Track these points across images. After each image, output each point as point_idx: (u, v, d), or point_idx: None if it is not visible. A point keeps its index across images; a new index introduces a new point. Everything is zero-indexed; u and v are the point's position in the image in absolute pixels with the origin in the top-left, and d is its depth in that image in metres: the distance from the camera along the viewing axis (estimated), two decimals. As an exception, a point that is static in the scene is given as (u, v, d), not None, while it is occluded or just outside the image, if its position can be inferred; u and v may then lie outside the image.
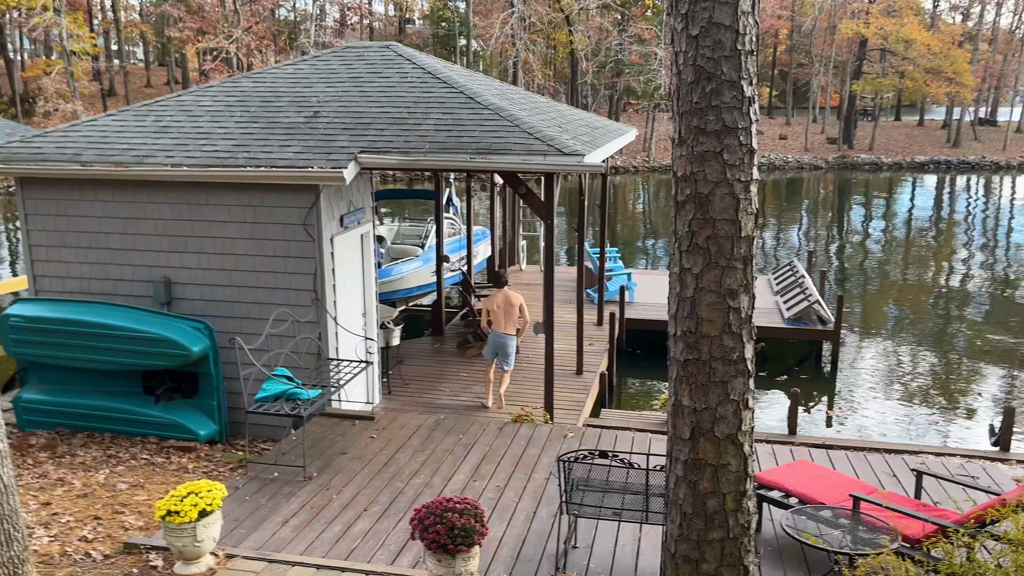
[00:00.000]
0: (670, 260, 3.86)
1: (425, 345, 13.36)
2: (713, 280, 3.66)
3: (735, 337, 3.71)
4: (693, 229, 3.67)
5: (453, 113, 9.54)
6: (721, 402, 3.74)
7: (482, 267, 18.32)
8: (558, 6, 45.80)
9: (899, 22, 49.97)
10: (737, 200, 3.64)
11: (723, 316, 3.68)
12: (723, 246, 3.64)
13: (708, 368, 3.73)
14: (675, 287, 3.80)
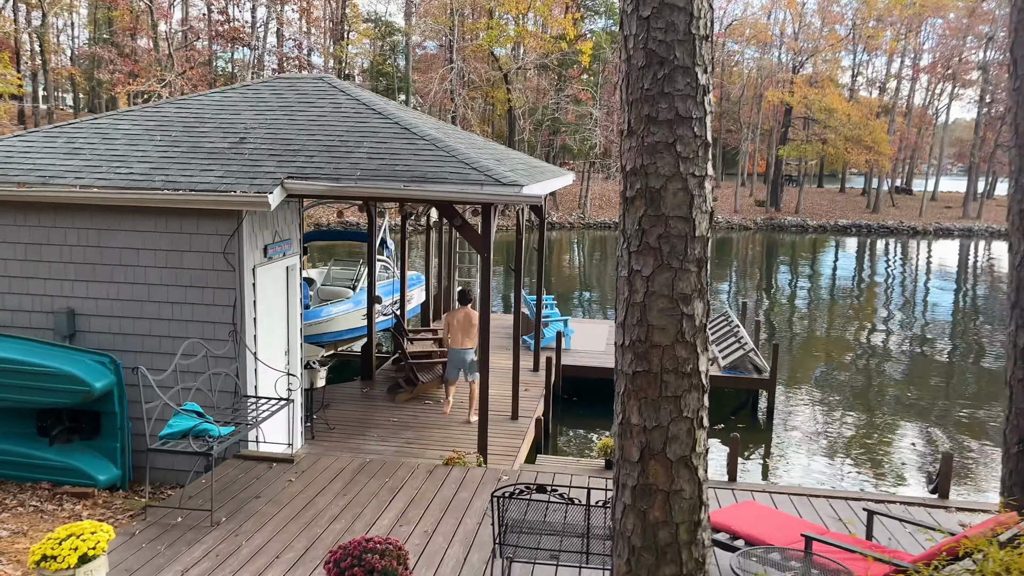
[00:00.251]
0: (617, 263, 3.54)
1: (353, 390, 12.73)
2: (665, 283, 3.34)
3: (688, 347, 3.38)
4: (643, 227, 3.36)
5: (387, 143, 9.20)
6: (674, 419, 3.38)
7: (416, 313, 17.82)
8: (496, 64, 46.54)
9: (821, 92, 52.33)
10: (691, 196, 3.36)
11: (676, 323, 3.35)
12: (676, 246, 3.34)
13: (659, 381, 3.38)
14: (623, 292, 3.46)
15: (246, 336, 8.50)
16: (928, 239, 50.24)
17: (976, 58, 61.61)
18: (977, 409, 15.32)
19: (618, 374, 3.53)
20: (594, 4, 49.80)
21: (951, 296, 29.50)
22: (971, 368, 18.60)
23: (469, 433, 10.63)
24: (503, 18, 47.57)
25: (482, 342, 9.08)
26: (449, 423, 11.13)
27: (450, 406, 11.39)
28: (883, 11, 56.80)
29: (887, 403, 15.50)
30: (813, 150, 54.12)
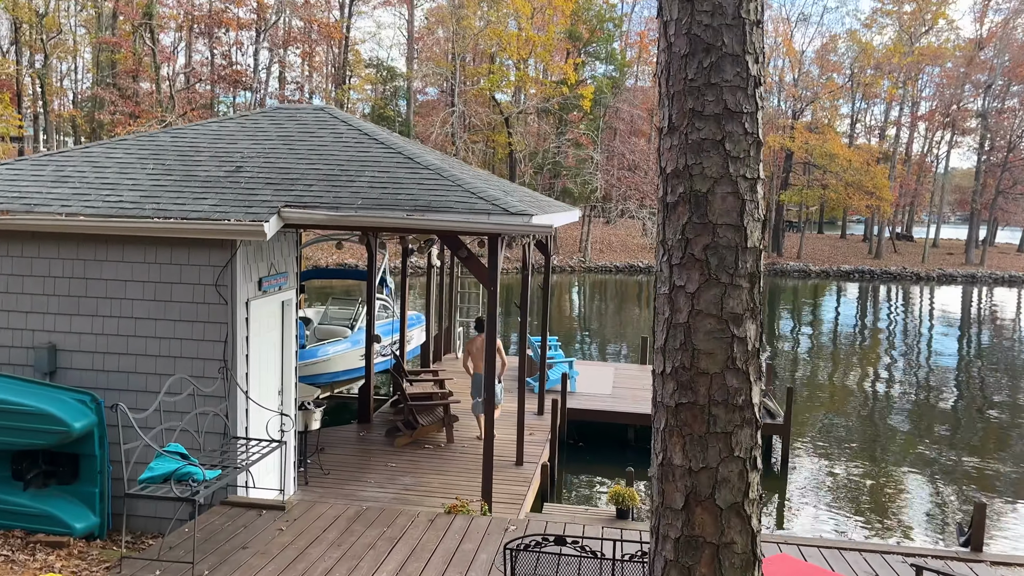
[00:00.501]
0: (656, 279, 3.09)
1: (350, 433, 12.17)
2: (713, 301, 2.89)
3: (740, 375, 2.92)
4: (687, 236, 2.92)
5: (390, 172, 8.82)
6: (724, 460, 2.90)
7: (415, 353, 17.31)
8: (498, 108, 46.74)
9: (822, 137, 52.53)
10: (742, 201, 2.93)
11: (726, 348, 2.90)
12: (725, 258, 2.90)
13: (707, 415, 2.91)
14: (663, 311, 3.00)
15: (237, 373, 8.00)
16: (931, 285, 49.91)
17: (974, 106, 62.11)
18: (986, 459, 14.75)
19: (657, 407, 3.05)
20: (594, 50, 50.22)
21: (955, 342, 29.02)
22: (977, 416, 18.05)
23: (472, 480, 10.06)
24: (504, 63, 47.94)
25: (487, 379, 8.58)
26: (450, 469, 10.57)
27: (483, 432, 9.98)
28: (881, 59, 57.37)
29: (899, 451, 14.92)
30: (814, 195, 54.14)
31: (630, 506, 9.37)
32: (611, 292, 39.85)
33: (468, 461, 10.88)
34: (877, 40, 61.23)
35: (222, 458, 7.54)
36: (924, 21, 58.97)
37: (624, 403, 14.49)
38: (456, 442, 11.70)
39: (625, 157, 46.87)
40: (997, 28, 58.84)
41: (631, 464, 12.99)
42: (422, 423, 11.68)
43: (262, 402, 8.56)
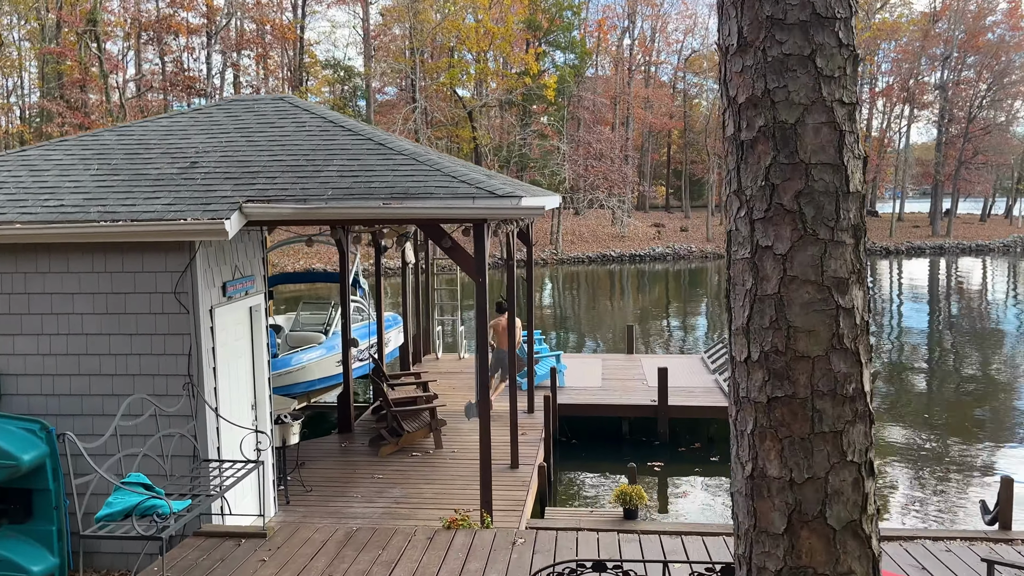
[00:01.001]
0: (729, 241, 2.44)
1: (331, 445, 11.40)
2: (810, 263, 2.25)
3: (849, 357, 2.28)
4: (772, 182, 2.27)
5: (360, 159, 8.08)
6: (834, 467, 2.26)
7: (394, 356, 16.54)
8: (460, 103, 45.97)
9: (786, 117, 52.41)
10: (840, 133, 2.30)
11: (829, 323, 2.26)
12: (823, 207, 2.26)
13: (810, 410, 2.27)
14: (743, 280, 2.35)
15: (204, 389, 7.23)
16: (901, 258, 50.18)
17: (932, 79, 62.63)
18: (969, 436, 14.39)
19: (741, 404, 2.40)
20: (555, 39, 49.63)
21: (937, 312, 28.93)
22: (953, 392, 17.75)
23: (467, 487, 9.37)
24: (464, 56, 47.17)
25: (481, 374, 7.90)
26: (442, 477, 9.87)
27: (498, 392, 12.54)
28: (839, 36, 57.27)
29: (894, 426, 14.51)
30: (781, 175, 54.10)
31: (638, 505, 8.73)
32: (586, 283, 39.34)
33: (460, 467, 10.19)
34: (834, 18, 61.28)
35: (192, 484, 6.77)
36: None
37: (615, 395, 13.89)
38: (445, 447, 11.01)
39: (592, 146, 46.36)
40: (951, 0, 59.33)
41: (628, 458, 12.38)
42: (407, 429, 10.97)
43: (235, 418, 7.79)
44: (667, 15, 66.53)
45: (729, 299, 2.41)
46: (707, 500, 10.89)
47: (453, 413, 12.23)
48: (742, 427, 2.38)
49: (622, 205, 49.76)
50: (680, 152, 73.58)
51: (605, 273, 43.05)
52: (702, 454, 12.75)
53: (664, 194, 78.97)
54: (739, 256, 2.37)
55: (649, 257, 48.95)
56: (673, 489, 11.32)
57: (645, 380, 14.78)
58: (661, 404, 13.02)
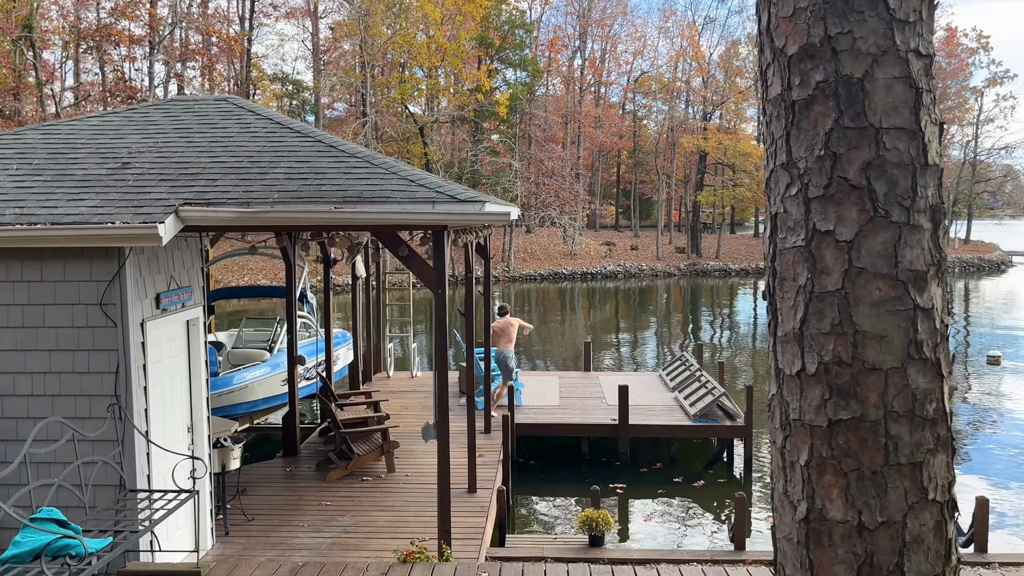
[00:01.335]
0: (772, 226, 1.99)
1: (275, 469, 10.69)
2: (882, 252, 1.82)
3: (929, 370, 1.84)
4: (834, 150, 1.83)
5: (310, 161, 7.52)
6: (913, 508, 1.82)
7: (343, 374, 15.85)
8: (411, 118, 45.49)
9: (735, 137, 53.31)
10: (916, 91, 1.88)
11: (906, 326, 1.82)
12: (897, 182, 1.82)
13: (883, 437, 1.82)
14: (795, 275, 1.90)
15: (133, 411, 6.54)
16: (845, 278, 51.08)
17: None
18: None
19: (791, 428, 1.94)
20: (507, 56, 49.56)
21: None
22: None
23: (422, 514, 8.79)
24: (415, 72, 46.73)
25: (440, 392, 7.36)
26: (395, 503, 9.26)
27: (499, 399, 13.23)
28: (785, 60, 58.53)
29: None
30: (730, 195, 54.85)
31: (604, 531, 8.27)
32: (537, 300, 39.01)
33: (415, 493, 9.59)
34: (779, 42, 62.72)
35: (117, 518, 6.07)
36: (822, 23, 60.76)
37: (574, 414, 13.44)
38: (398, 471, 10.39)
39: (543, 164, 46.26)
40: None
41: (589, 480, 11.93)
42: (358, 452, 10.33)
43: (168, 442, 7.09)
44: (617, 36, 67.06)
45: (773, 298, 1.96)
46: (673, 524, 10.47)
47: (406, 434, 11.64)
48: (793, 457, 1.92)
49: (573, 223, 49.71)
50: (629, 172, 74.12)
51: (557, 291, 42.80)
52: (664, 474, 12.36)
53: (614, 213, 79.41)
54: (789, 244, 1.92)
55: (600, 275, 48.92)
56: (637, 512, 10.89)
57: (604, 398, 14.37)
58: (622, 423, 12.62)
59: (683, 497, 11.40)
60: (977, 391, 18.52)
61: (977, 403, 17.39)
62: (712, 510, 11.03)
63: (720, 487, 11.90)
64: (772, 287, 1.97)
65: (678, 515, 10.78)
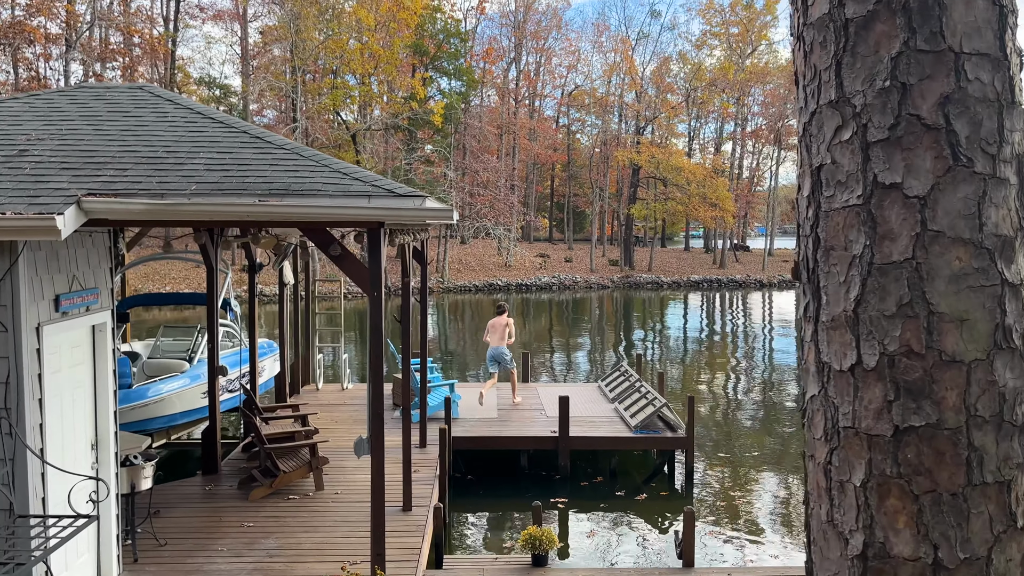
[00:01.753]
0: (815, 183, 1.57)
1: (193, 488, 9.91)
2: (963, 212, 1.42)
3: (1017, 363, 1.45)
4: (901, 80, 1.44)
5: (233, 152, 6.91)
6: (1000, 538, 1.42)
7: (269, 386, 15.04)
8: (343, 125, 44.58)
9: (668, 151, 54.01)
10: (1000, 9, 1.50)
11: (991, 306, 1.41)
12: (981, 123, 1.44)
13: (964, 447, 1.42)
14: (847, 241, 1.46)
15: (26, 426, 5.80)
16: (773, 290, 52.22)
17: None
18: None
19: (839, 438, 1.52)
20: (442, 65, 49.13)
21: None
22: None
23: (353, 534, 8.20)
24: (347, 79, 45.85)
25: (374, 404, 6.81)
26: (324, 523, 8.63)
27: (488, 389, 14.44)
28: (716, 75, 59.90)
29: (798, 452, 14.33)
30: (662, 208, 55.49)
31: (548, 550, 7.83)
32: (473, 312, 38.52)
33: (346, 512, 8.98)
34: (709, 61, 64.17)
35: (6, 547, 5.33)
36: (750, 42, 62.29)
37: (513, 426, 12.99)
38: (328, 489, 9.75)
39: (478, 174, 45.91)
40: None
41: (528, 494, 11.49)
42: (284, 469, 9.65)
43: (68, 461, 6.35)
44: (551, 49, 67.39)
45: (813, 274, 1.55)
46: (617, 540, 10.10)
47: (336, 450, 11.01)
48: (843, 475, 1.50)
49: (508, 234, 49.44)
50: (563, 185, 74.45)
51: (491, 302, 42.39)
52: (605, 488, 12.01)
53: (548, 226, 79.61)
54: (839, 203, 1.51)
55: (535, 287, 48.75)
56: (580, 528, 10.48)
57: (543, 410, 13.97)
58: (562, 435, 12.23)
59: (626, 511, 11.05)
60: None
61: None
62: (656, 525, 10.71)
63: (663, 500, 11.61)
64: (811, 260, 1.56)
65: (622, 531, 10.42)
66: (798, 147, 1.67)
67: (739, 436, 15.53)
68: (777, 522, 10.92)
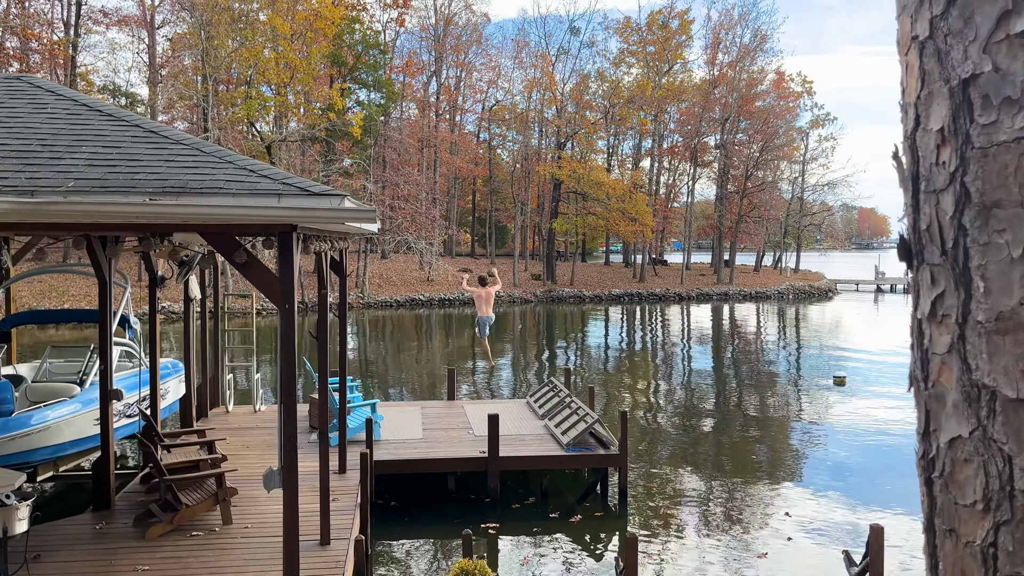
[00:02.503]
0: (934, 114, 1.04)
1: (81, 527, 8.86)
2: None
3: None
4: None
5: (121, 147, 6.09)
6: None
7: (174, 410, 13.93)
8: (258, 136, 43.12)
9: (588, 166, 54.30)
10: None
11: None
12: None
13: None
14: (997, 174, 0.97)
15: None
16: (691, 304, 52.98)
17: (712, 140, 67.73)
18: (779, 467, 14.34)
19: (1009, 504, 0.99)
20: (361, 76, 48.15)
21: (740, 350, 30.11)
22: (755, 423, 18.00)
23: (266, 573, 7.37)
24: (262, 89, 44.38)
25: (286, 429, 6.06)
26: (231, 563, 7.77)
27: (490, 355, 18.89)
28: (634, 92, 60.72)
29: (731, 464, 14.07)
30: (583, 223, 55.69)
31: (482, 584, 7.19)
32: (392, 327, 37.53)
33: (256, 548, 8.13)
34: (626, 79, 65.09)
35: None
36: (667, 60, 63.47)
37: (440, 447, 12.30)
38: (236, 523, 8.87)
39: (399, 187, 45.05)
40: (726, 69, 64.78)
41: (457, 521, 10.83)
42: (186, 502, 8.72)
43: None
44: (472, 64, 67.11)
45: (956, 248, 1.00)
46: (553, 567, 9.51)
47: (247, 478, 10.12)
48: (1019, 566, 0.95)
49: (430, 248, 48.64)
50: (485, 200, 74.14)
51: (413, 317, 41.47)
52: (538, 510, 11.44)
53: (470, 240, 79.11)
54: (1008, 134, 0.94)
55: (458, 301, 48.06)
56: (513, 555, 9.85)
57: (471, 429, 13.32)
58: (492, 455, 11.61)
59: (560, 534, 10.49)
60: (850, 412, 18.94)
61: (855, 426, 17.71)
62: (592, 549, 10.19)
63: (598, 521, 11.10)
64: (950, 229, 1.01)
65: (559, 556, 9.84)
66: (902, 60, 1.13)
67: (668, 449, 15.22)
68: (719, 539, 10.55)
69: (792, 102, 70.87)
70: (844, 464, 14.31)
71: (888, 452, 15.12)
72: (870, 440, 16.03)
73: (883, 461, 14.52)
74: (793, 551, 10.13)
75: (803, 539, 10.58)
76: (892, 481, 13.16)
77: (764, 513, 11.70)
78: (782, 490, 12.81)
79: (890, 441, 15.98)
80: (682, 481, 13.18)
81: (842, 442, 15.88)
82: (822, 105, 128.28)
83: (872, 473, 13.73)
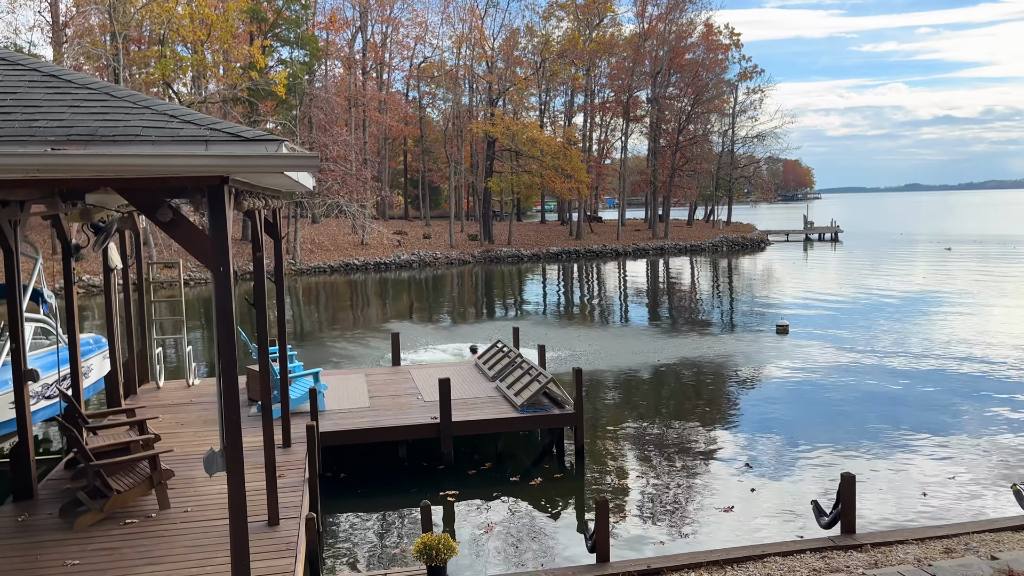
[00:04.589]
0: None
1: (1, 520, 8.08)
2: None
3: None
4: None
5: (18, 92, 5.29)
6: None
7: (99, 389, 13.01)
8: (176, 99, 41.01)
9: (522, 123, 53.56)
10: None
11: None
12: None
13: None
14: None
15: None
16: (628, 259, 53.22)
17: (643, 95, 67.58)
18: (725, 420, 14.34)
19: None
20: (283, 33, 46.12)
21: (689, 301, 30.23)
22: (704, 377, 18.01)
23: (209, 561, 6.80)
24: (176, 47, 42.06)
25: (227, 408, 5.45)
26: (171, 551, 7.15)
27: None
28: (565, 45, 59.97)
29: (692, 417, 13.94)
30: (519, 181, 55.09)
31: (446, 559, 6.76)
32: (328, 294, 36.51)
33: (198, 533, 7.52)
34: (557, 33, 64.20)
35: None
36: (596, 12, 62.74)
37: (389, 415, 11.78)
38: (175, 506, 8.21)
39: (328, 148, 43.53)
40: (655, 22, 64.44)
41: (413, 490, 10.41)
42: (117, 488, 8.02)
43: None
44: (398, 20, 65.12)
45: None
46: (518, 533, 9.14)
47: (184, 458, 9.45)
48: None
49: (363, 211, 47.41)
50: (417, 160, 72.71)
51: (347, 283, 40.45)
52: (495, 474, 11.07)
53: (403, 203, 77.68)
54: None
55: (394, 265, 47.14)
56: (473, 523, 9.44)
57: (419, 395, 12.83)
58: (444, 421, 11.16)
59: (522, 499, 10.14)
60: (798, 359, 19.05)
61: (804, 373, 17.80)
62: (555, 512, 9.87)
63: (557, 483, 10.79)
64: None
65: (522, 522, 9.48)
66: None
67: (619, 405, 15.01)
68: (683, 496, 10.37)
69: (721, 54, 71.19)
70: (796, 411, 14.35)
71: (838, 397, 15.24)
72: (819, 385, 16.14)
73: (837, 407, 14.61)
74: (759, 502, 10.01)
75: (766, 491, 10.47)
76: (846, 424, 13.23)
77: (725, 465, 11.57)
78: (740, 440, 12.73)
79: (840, 384, 16.13)
80: (636, 437, 12.98)
81: (790, 389, 15.95)
82: (749, 58, 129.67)
83: (829, 417, 13.79)
